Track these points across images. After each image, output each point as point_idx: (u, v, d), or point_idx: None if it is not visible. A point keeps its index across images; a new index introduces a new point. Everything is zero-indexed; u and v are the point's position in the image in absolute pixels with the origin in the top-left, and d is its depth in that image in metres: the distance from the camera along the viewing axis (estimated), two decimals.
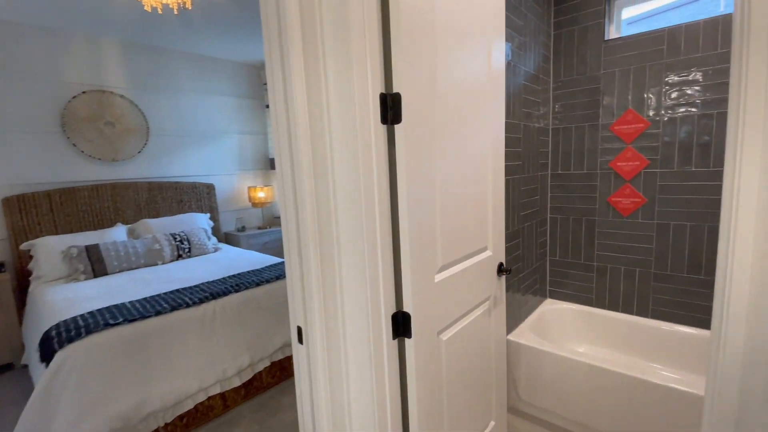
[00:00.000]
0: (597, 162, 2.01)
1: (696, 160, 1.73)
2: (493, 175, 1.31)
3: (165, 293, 1.98)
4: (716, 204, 1.70)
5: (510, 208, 1.76)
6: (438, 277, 1.05)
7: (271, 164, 4.13)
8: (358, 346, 0.93)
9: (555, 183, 2.18)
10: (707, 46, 1.65)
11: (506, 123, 1.65)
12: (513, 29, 1.68)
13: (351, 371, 0.94)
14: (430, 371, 1.05)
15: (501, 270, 1.37)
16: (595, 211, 2.05)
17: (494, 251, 1.34)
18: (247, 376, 1.98)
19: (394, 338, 0.97)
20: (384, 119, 0.89)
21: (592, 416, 1.57)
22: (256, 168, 4.05)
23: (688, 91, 1.71)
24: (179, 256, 2.84)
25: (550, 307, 2.16)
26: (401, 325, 0.97)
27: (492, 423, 1.42)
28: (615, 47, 1.88)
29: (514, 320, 1.88)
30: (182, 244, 2.88)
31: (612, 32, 1.94)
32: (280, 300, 2.16)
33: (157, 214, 3.18)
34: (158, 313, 1.73)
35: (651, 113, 1.82)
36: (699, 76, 1.68)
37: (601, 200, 2.03)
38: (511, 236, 1.79)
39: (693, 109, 1.71)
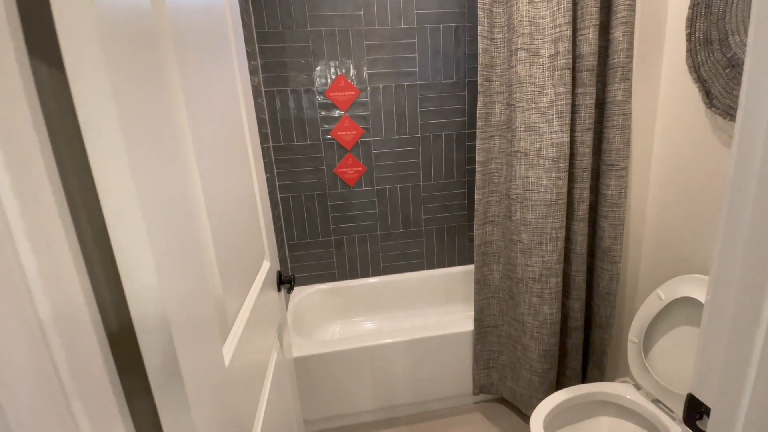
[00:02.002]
0: (319, 131, 1.87)
1: (397, 128, 1.93)
2: (253, 147, 0.82)
3: None
4: (415, 166, 1.99)
5: None
6: (227, 353, 0.51)
7: None
8: None
9: (280, 157, 1.87)
10: (394, 20, 1.79)
11: None
12: None
13: None
14: None
15: (282, 281, 0.94)
16: (325, 185, 1.94)
17: (272, 259, 0.89)
18: None
19: None
20: None
21: (383, 396, 1.51)
22: None
23: (384, 62, 1.84)
24: None
25: (299, 295, 1.93)
26: None
27: None
28: (318, 2, 1.73)
29: None
30: None
31: None
32: None
33: None
34: None
35: (359, 81, 1.84)
36: (389, 48, 1.82)
37: (329, 172, 1.93)
38: None
39: (389, 81, 1.86)
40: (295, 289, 1.99)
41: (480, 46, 1.18)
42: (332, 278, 2.06)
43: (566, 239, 1.34)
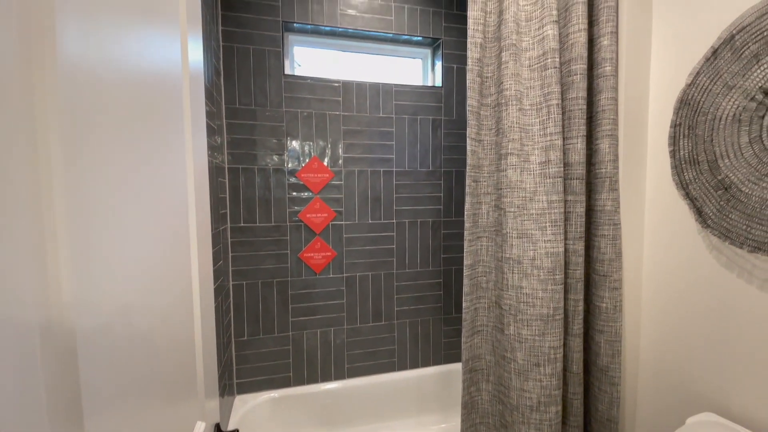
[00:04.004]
0: (286, 213, 1.70)
1: (371, 213, 1.81)
2: (199, 245, 0.63)
3: None
4: (388, 252, 1.84)
5: None
6: None
7: None
8: None
9: (238, 239, 1.65)
10: (373, 108, 1.77)
11: None
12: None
13: None
14: None
15: None
16: (288, 271, 1.72)
17: (210, 412, 0.64)
18: None
19: None
20: None
21: None
22: None
23: (361, 147, 1.77)
24: None
25: (244, 408, 1.58)
26: None
27: None
28: (296, 85, 1.68)
29: None
30: None
31: (288, 68, 1.74)
32: None
33: None
34: None
35: (334, 164, 1.75)
36: (366, 134, 1.77)
37: (293, 257, 1.73)
38: None
39: (365, 165, 1.78)
40: (240, 399, 1.64)
41: (468, 147, 1.12)
42: (286, 383, 1.74)
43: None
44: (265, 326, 1.71)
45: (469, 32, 1.08)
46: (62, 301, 0.26)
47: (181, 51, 0.60)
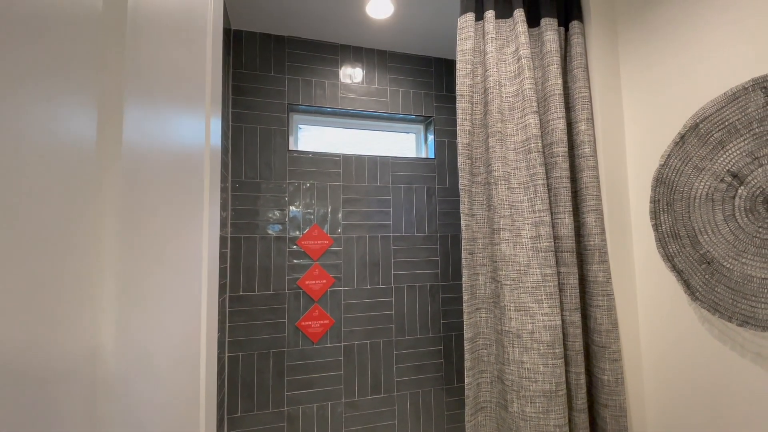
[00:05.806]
0: (285, 280, 1.72)
1: (370, 278, 1.83)
2: (207, 322, 0.64)
3: None
4: (387, 319, 1.83)
5: None
6: None
7: None
8: None
9: (235, 308, 1.65)
10: (371, 179, 1.87)
11: None
12: None
13: None
14: None
15: None
16: (284, 341, 1.69)
17: None
18: None
19: None
20: None
21: None
22: None
23: (359, 214, 1.84)
24: None
25: None
26: None
27: None
28: (300, 160, 1.78)
29: None
30: None
31: (292, 144, 1.86)
32: None
33: None
34: None
35: (333, 230, 1.80)
36: (365, 202, 1.85)
37: (290, 326, 1.71)
38: None
39: (364, 231, 1.84)
40: None
41: (462, 222, 1.19)
42: None
43: None
44: (260, 401, 1.64)
45: (458, 121, 1.19)
46: (105, 349, 0.28)
47: (205, 131, 0.67)
